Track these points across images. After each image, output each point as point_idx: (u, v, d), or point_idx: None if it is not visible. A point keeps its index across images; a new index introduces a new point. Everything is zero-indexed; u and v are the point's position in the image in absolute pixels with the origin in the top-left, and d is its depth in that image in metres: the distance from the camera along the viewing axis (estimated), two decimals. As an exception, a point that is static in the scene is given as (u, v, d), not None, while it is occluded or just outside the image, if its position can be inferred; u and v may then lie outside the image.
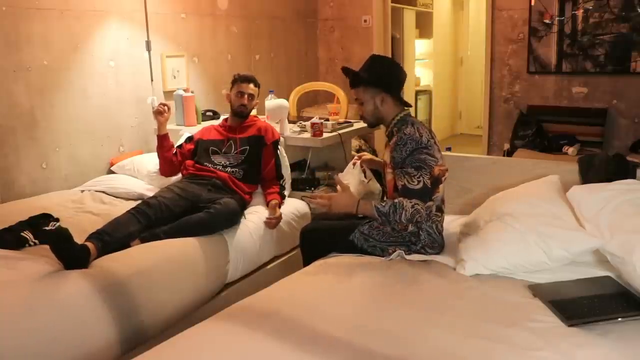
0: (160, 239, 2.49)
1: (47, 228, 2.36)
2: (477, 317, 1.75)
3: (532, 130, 4.29)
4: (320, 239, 2.41)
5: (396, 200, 2.14)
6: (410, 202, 2.12)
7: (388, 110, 2.33)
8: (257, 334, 1.66)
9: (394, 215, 2.12)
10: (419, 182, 2.14)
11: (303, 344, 1.60)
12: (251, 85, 3.13)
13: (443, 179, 2.28)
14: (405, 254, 2.23)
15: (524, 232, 2.08)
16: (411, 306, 1.84)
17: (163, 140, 3.00)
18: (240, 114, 3.13)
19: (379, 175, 2.67)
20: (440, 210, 2.32)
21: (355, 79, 2.34)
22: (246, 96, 3.10)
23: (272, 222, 2.93)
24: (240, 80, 3.13)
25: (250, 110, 3.17)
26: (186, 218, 2.62)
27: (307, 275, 2.16)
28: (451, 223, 2.59)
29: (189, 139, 3.19)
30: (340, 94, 4.09)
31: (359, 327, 1.70)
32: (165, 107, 2.96)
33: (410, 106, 2.42)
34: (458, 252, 2.21)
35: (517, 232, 2.10)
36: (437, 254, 2.29)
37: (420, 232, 2.25)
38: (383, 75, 2.31)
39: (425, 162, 2.17)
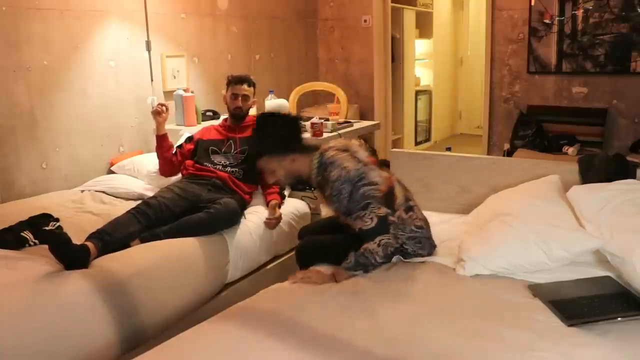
0: (160, 239, 2.50)
1: (47, 228, 2.37)
2: (477, 317, 1.75)
3: (532, 130, 4.29)
4: (317, 257, 2.27)
5: (361, 250, 2.04)
6: (375, 243, 2.03)
7: (302, 166, 2.19)
8: (257, 334, 1.66)
9: (369, 259, 2.03)
10: (371, 220, 2.03)
11: (303, 344, 1.60)
12: (245, 86, 3.11)
13: (394, 183, 2.19)
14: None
15: (524, 232, 2.08)
16: (411, 306, 1.85)
17: (162, 140, 3.00)
18: (237, 116, 3.12)
19: None
20: (410, 209, 2.19)
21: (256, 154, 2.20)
22: (240, 98, 3.09)
23: (272, 223, 2.93)
24: (233, 81, 3.11)
25: (247, 110, 3.16)
26: (186, 218, 2.62)
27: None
28: (451, 222, 2.60)
29: (189, 139, 3.19)
30: (340, 93, 4.09)
31: (358, 327, 1.70)
32: (164, 108, 2.95)
33: (318, 147, 2.22)
34: (458, 252, 2.20)
35: (517, 232, 2.10)
36: (433, 250, 2.24)
37: (404, 245, 2.16)
38: (279, 136, 2.16)
39: (367, 195, 2.06)
